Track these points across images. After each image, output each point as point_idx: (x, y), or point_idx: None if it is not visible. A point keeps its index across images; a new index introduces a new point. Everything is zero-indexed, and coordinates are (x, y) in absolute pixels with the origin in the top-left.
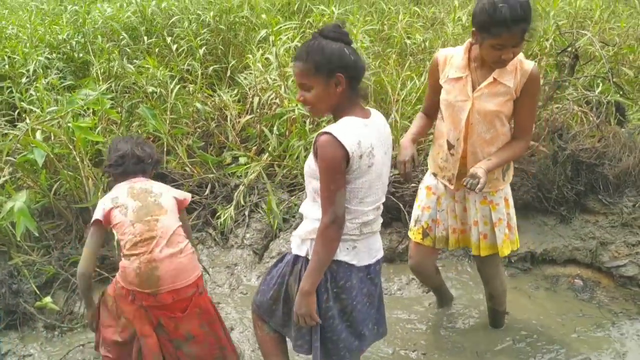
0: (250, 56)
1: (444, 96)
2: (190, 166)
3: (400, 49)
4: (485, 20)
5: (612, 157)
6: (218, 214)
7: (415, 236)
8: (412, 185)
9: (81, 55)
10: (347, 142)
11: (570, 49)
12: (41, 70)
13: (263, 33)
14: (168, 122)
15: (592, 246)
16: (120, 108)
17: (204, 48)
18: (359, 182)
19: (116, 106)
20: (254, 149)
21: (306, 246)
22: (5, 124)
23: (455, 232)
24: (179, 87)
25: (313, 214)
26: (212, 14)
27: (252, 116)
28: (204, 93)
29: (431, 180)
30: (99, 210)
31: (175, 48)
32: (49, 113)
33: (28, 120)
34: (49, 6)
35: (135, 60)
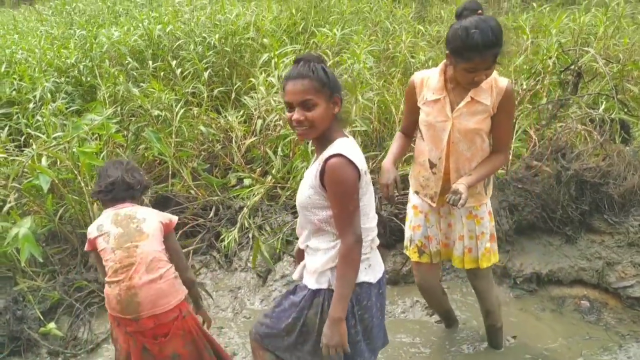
0: (253, 80)
1: (424, 117)
2: (195, 189)
3: (404, 67)
4: (459, 46)
5: (616, 176)
6: (222, 236)
7: (412, 255)
8: None
9: (89, 79)
10: (357, 161)
11: (573, 66)
12: (49, 95)
13: (265, 57)
14: (173, 145)
15: (598, 266)
16: (126, 132)
17: (210, 70)
18: (365, 199)
19: (122, 129)
20: (258, 170)
21: (326, 277)
22: (13, 149)
23: (440, 245)
24: (184, 110)
25: (324, 244)
26: (217, 36)
27: (256, 138)
28: (209, 115)
29: (416, 199)
30: (88, 239)
31: (180, 72)
32: (54, 138)
33: (34, 146)
34: (58, 30)
35: (141, 83)
